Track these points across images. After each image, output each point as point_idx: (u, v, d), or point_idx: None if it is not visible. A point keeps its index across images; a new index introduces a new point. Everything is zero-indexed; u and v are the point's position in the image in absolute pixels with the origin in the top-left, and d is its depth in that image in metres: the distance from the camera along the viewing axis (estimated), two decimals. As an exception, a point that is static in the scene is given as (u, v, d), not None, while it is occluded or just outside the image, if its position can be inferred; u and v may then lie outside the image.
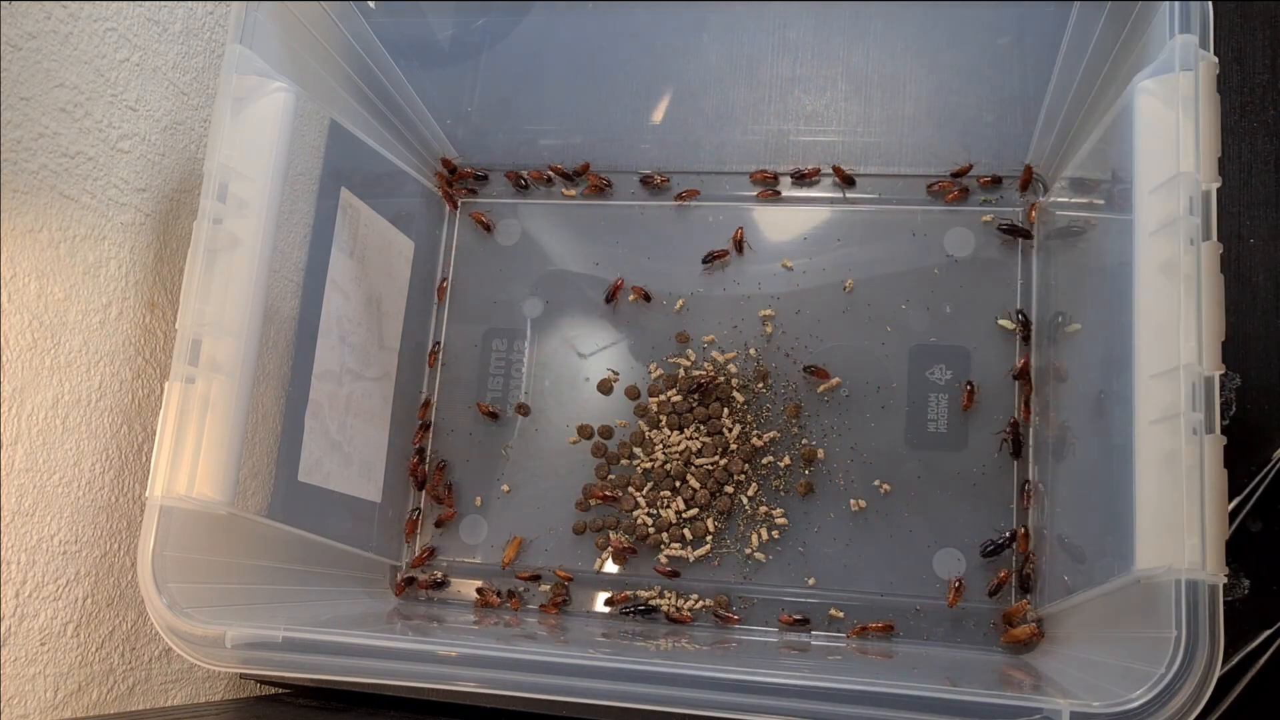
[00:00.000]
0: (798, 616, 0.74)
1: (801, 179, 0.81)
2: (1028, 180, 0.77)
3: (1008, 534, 0.72)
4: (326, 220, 0.71)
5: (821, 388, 0.78)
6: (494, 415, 0.82)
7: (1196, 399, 0.48)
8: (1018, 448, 0.73)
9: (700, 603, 0.76)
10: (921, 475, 0.75)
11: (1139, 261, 0.52)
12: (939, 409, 0.76)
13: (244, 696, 0.71)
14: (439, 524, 0.81)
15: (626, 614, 0.77)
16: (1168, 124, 0.52)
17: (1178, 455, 0.48)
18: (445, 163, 0.86)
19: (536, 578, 0.79)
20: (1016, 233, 0.76)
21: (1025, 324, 0.75)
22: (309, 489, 0.68)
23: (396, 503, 0.81)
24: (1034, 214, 0.77)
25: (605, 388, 0.82)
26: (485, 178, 0.87)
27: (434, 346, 0.85)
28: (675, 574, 0.77)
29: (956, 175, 0.79)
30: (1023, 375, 0.74)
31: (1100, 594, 0.56)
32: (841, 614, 0.74)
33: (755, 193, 0.82)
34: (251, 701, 0.70)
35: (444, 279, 0.86)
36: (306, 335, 0.69)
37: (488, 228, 0.86)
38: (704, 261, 0.81)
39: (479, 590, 0.79)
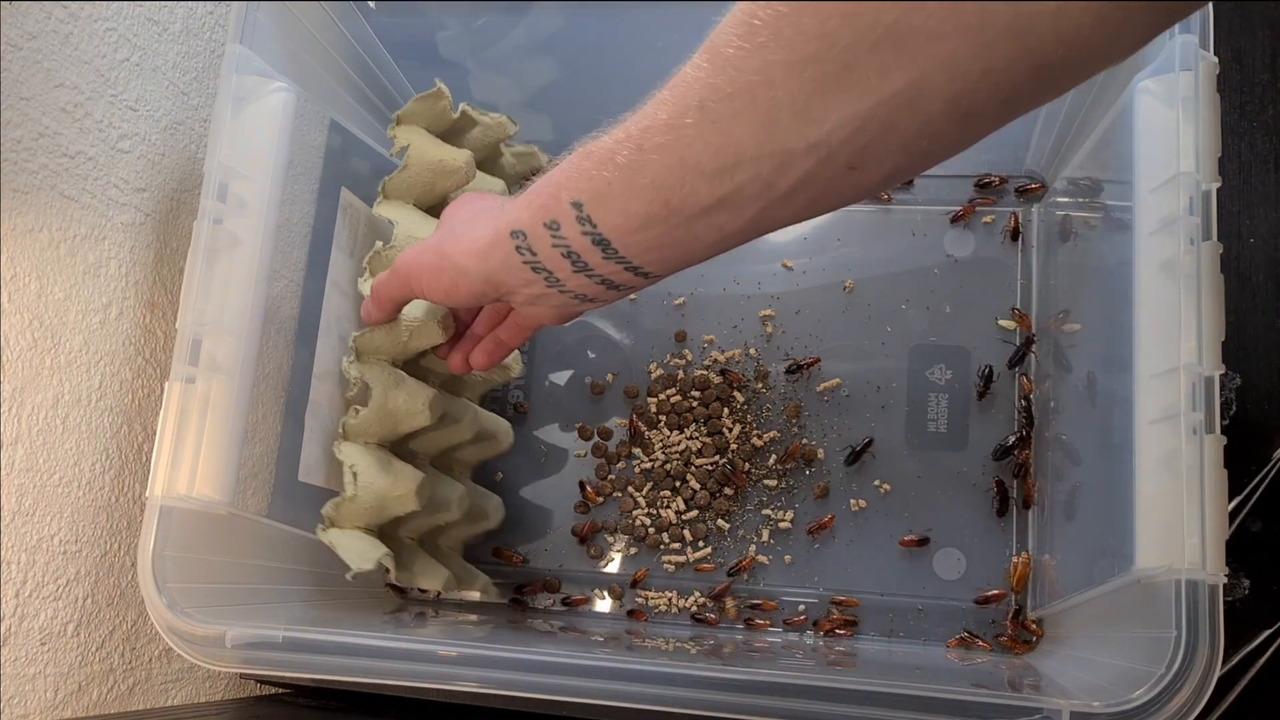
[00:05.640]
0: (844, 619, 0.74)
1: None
2: (1035, 190, 0.77)
3: (1014, 439, 0.73)
4: (326, 220, 0.71)
5: (821, 387, 0.78)
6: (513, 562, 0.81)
7: (1196, 399, 0.49)
8: (1004, 505, 0.73)
9: (698, 601, 0.76)
10: (921, 475, 0.75)
11: (1139, 261, 0.52)
12: (939, 409, 0.76)
13: (244, 696, 0.71)
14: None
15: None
16: (1168, 124, 0.52)
17: (1178, 455, 0.48)
18: None
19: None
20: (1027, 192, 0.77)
21: (1027, 344, 0.75)
22: (309, 489, 0.67)
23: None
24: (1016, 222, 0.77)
25: (599, 389, 0.82)
26: None
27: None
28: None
29: (983, 186, 0.79)
30: (1020, 360, 0.75)
31: (1100, 594, 0.56)
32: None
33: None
34: (251, 701, 0.70)
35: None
36: (306, 335, 0.68)
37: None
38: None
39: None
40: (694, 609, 0.76)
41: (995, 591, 0.71)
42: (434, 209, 0.71)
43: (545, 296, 0.49)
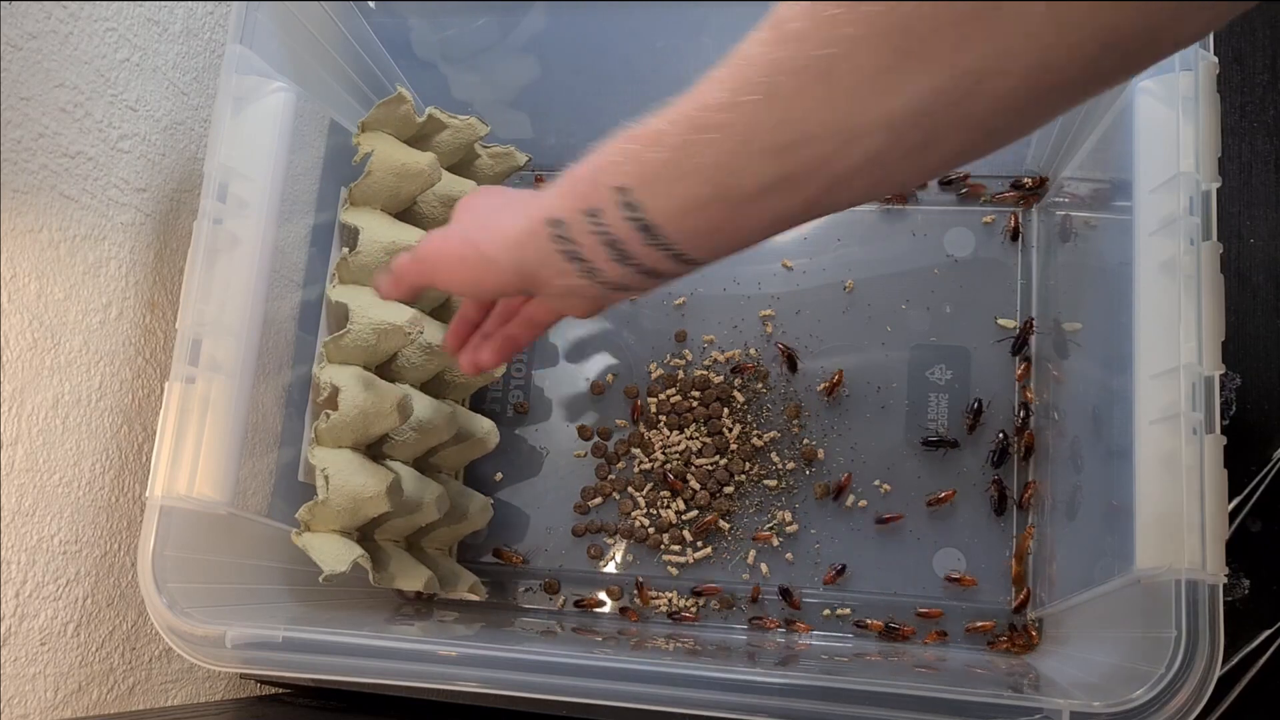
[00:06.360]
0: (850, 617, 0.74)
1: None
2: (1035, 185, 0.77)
3: (999, 445, 0.74)
4: (327, 220, 0.71)
5: (821, 387, 0.78)
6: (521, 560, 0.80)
7: (1196, 399, 0.49)
8: (1002, 505, 0.73)
9: (695, 602, 0.76)
10: (921, 475, 0.75)
11: (1139, 261, 0.52)
12: (939, 409, 0.76)
13: (244, 696, 0.71)
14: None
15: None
16: (1168, 124, 0.52)
17: (1178, 455, 0.48)
18: None
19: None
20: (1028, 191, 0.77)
21: (1027, 327, 0.75)
22: (309, 489, 0.67)
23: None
24: (1016, 222, 0.77)
25: (599, 389, 0.82)
26: None
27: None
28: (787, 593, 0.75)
29: (1016, 187, 0.78)
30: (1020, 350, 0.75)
31: (1100, 594, 0.56)
32: (843, 612, 0.74)
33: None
34: (251, 701, 0.70)
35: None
36: (307, 335, 0.68)
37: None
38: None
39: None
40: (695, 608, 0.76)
41: (985, 623, 0.71)
42: (402, 215, 0.72)
43: (580, 288, 0.46)
